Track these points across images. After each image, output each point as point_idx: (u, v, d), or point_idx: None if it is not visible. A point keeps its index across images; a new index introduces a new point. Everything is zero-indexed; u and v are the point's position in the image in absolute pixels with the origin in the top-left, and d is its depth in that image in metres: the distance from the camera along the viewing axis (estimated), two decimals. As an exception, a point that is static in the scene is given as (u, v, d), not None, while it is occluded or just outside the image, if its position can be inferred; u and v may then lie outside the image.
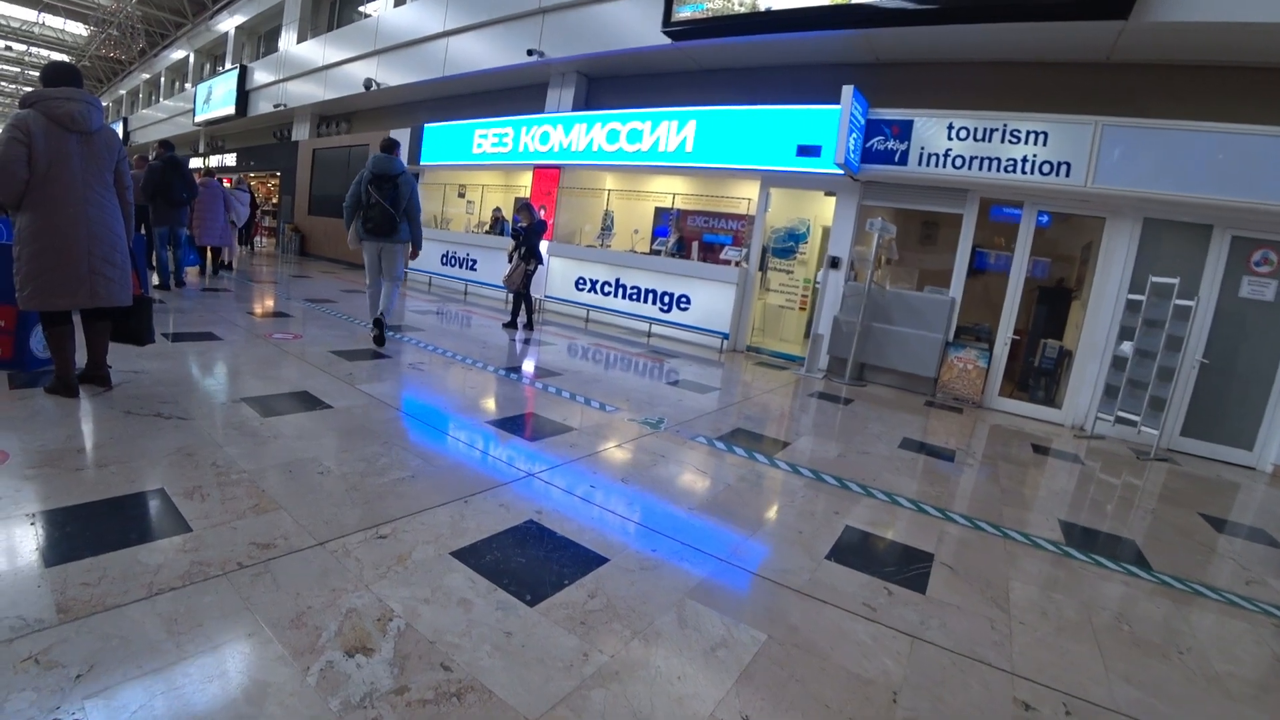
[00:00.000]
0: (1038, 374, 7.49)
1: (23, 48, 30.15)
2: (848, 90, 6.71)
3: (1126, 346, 6.05)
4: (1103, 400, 6.27)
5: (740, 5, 7.80)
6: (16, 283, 3.33)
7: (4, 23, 27.38)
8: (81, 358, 3.68)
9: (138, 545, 2.11)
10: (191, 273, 9.67)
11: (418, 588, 2.09)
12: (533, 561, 2.38)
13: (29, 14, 26.08)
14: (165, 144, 8.05)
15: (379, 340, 6.05)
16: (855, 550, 2.89)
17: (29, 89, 37.96)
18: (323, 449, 3.23)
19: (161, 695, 1.49)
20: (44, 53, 31.02)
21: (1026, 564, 3.01)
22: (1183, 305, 5.68)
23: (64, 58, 31.20)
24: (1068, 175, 6.30)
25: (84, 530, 2.16)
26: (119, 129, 31.94)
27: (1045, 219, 7.15)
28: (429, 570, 2.21)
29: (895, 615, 2.35)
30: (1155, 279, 5.88)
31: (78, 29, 28.60)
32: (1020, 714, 1.89)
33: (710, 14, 8.02)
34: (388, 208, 5.87)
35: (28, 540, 2.07)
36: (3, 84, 37.43)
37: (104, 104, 37.28)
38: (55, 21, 27.23)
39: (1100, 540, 3.49)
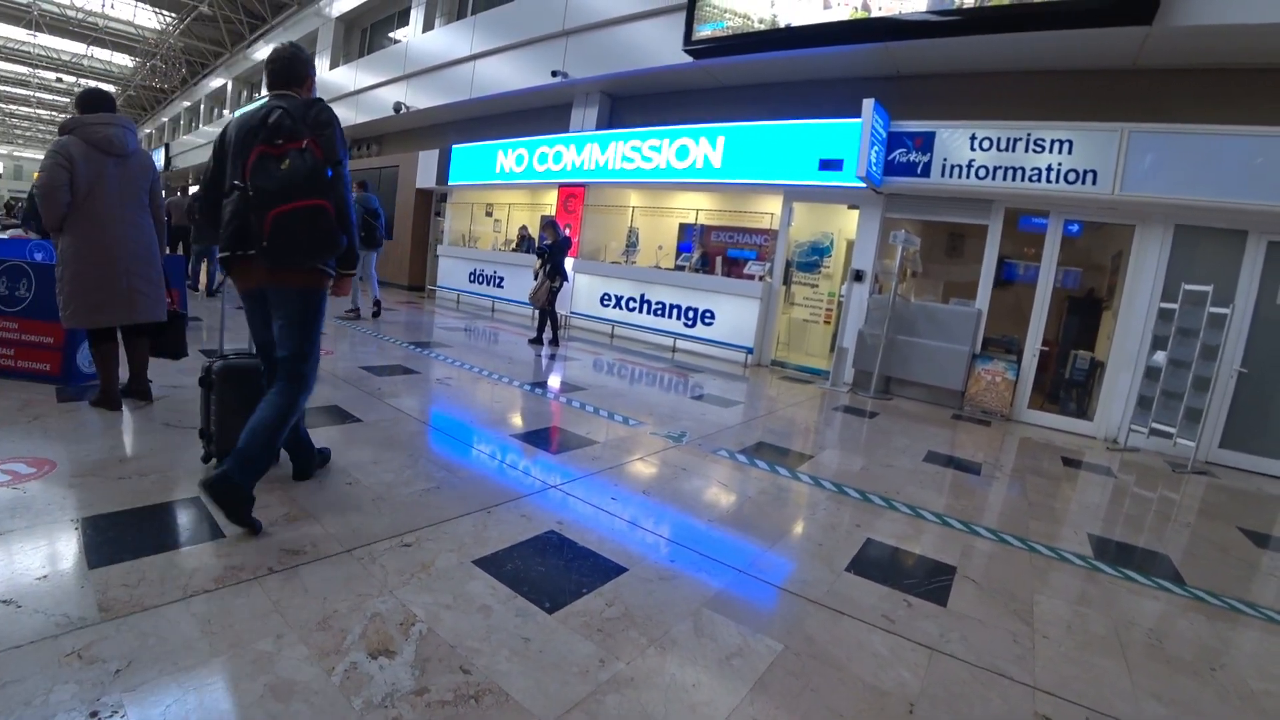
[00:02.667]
0: (1068, 386, 7.35)
1: (73, 79, 31.53)
2: (868, 103, 6.73)
3: (1160, 356, 5.92)
4: (1136, 412, 6.12)
5: (760, 23, 7.88)
6: (60, 302, 3.48)
7: (55, 56, 28.69)
8: (124, 373, 3.84)
9: (174, 550, 2.21)
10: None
11: (440, 594, 2.14)
12: (552, 570, 2.42)
13: (79, 48, 27.32)
14: None
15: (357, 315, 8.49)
16: (876, 563, 2.87)
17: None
18: (351, 461, 3.31)
19: (194, 691, 1.56)
20: (93, 84, 32.40)
21: (1053, 578, 2.96)
22: (1217, 313, 5.55)
23: (111, 88, 32.60)
24: (1094, 183, 6.22)
25: (125, 535, 2.25)
26: (161, 155, 33.19)
27: (1074, 228, 7.05)
28: (451, 577, 2.26)
29: (914, 627, 2.33)
30: (1188, 286, 5.76)
31: (124, 60, 29.84)
32: (1041, 727, 1.87)
33: (730, 32, 8.12)
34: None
35: (73, 544, 2.17)
36: (54, 114, 39.13)
37: (148, 131, 38.84)
38: (103, 54, 28.46)
39: (1131, 555, 3.41)
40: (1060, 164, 6.38)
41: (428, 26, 14.35)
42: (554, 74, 10.54)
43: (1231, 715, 2.06)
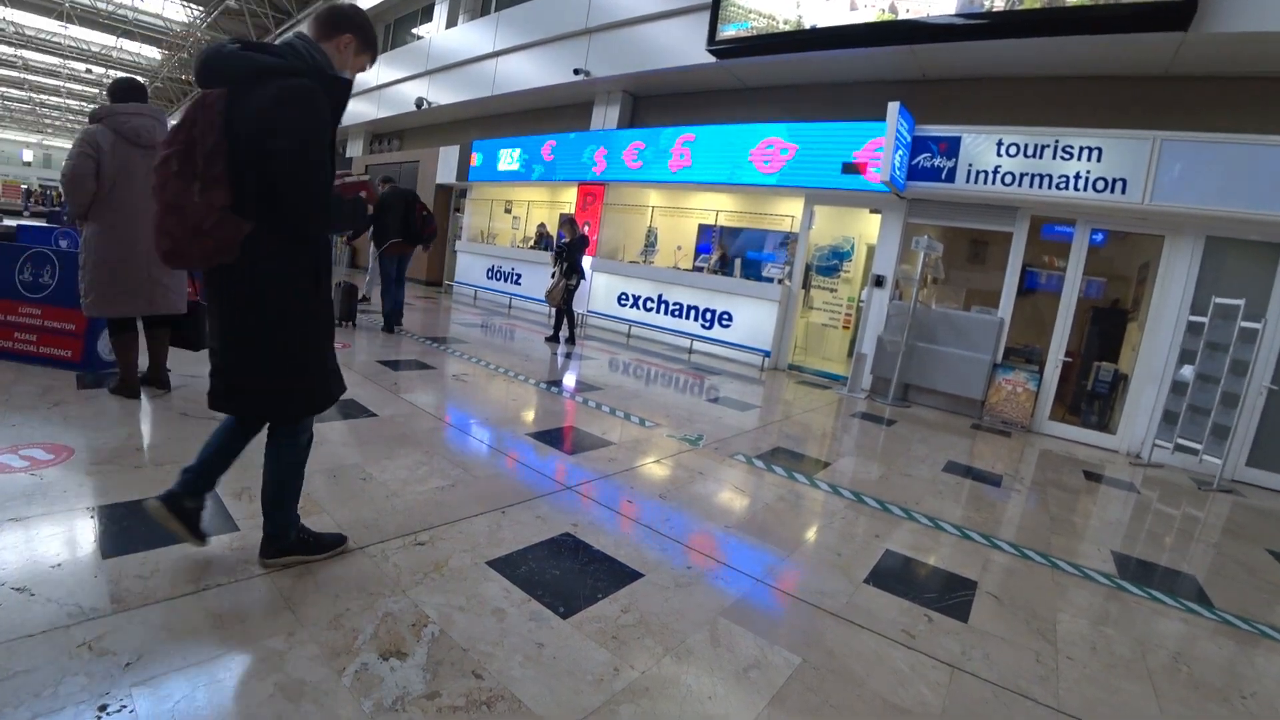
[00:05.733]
0: (1091, 398, 7.22)
1: (102, 70, 32.00)
2: (893, 107, 6.64)
3: (1187, 370, 5.78)
4: (1161, 426, 5.99)
5: (785, 23, 7.80)
6: (81, 289, 3.50)
7: (85, 47, 29.14)
8: (143, 362, 3.85)
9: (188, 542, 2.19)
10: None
11: (453, 595, 2.12)
12: (567, 574, 2.39)
13: (108, 39, 27.73)
14: None
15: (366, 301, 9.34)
16: (895, 575, 2.81)
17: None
18: (366, 456, 3.30)
19: (204, 687, 1.54)
20: (121, 75, 32.84)
21: (1076, 596, 2.88)
22: (1249, 328, 5.41)
23: (140, 80, 33.03)
24: (1123, 192, 6.09)
25: (139, 525, 2.24)
26: (186, 147, 33.53)
27: (1100, 237, 6.92)
28: (465, 578, 2.24)
29: (935, 644, 2.28)
30: (1219, 300, 5.62)
31: (152, 53, 30.24)
32: (1068, 752, 1.80)
33: (754, 32, 8.04)
34: None
35: (87, 532, 2.17)
36: (83, 104, 39.73)
37: (174, 123, 39.33)
38: (132, 46, 28.86)
39: (1156, 574, 3.33)
40: (1089, 172, 6.26)
41: (451, 23, 14.39)
42: (576, 72, 10.52)
43: (1265, 746, 1.99)
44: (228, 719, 1.47)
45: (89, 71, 32.43)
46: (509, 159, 12.32)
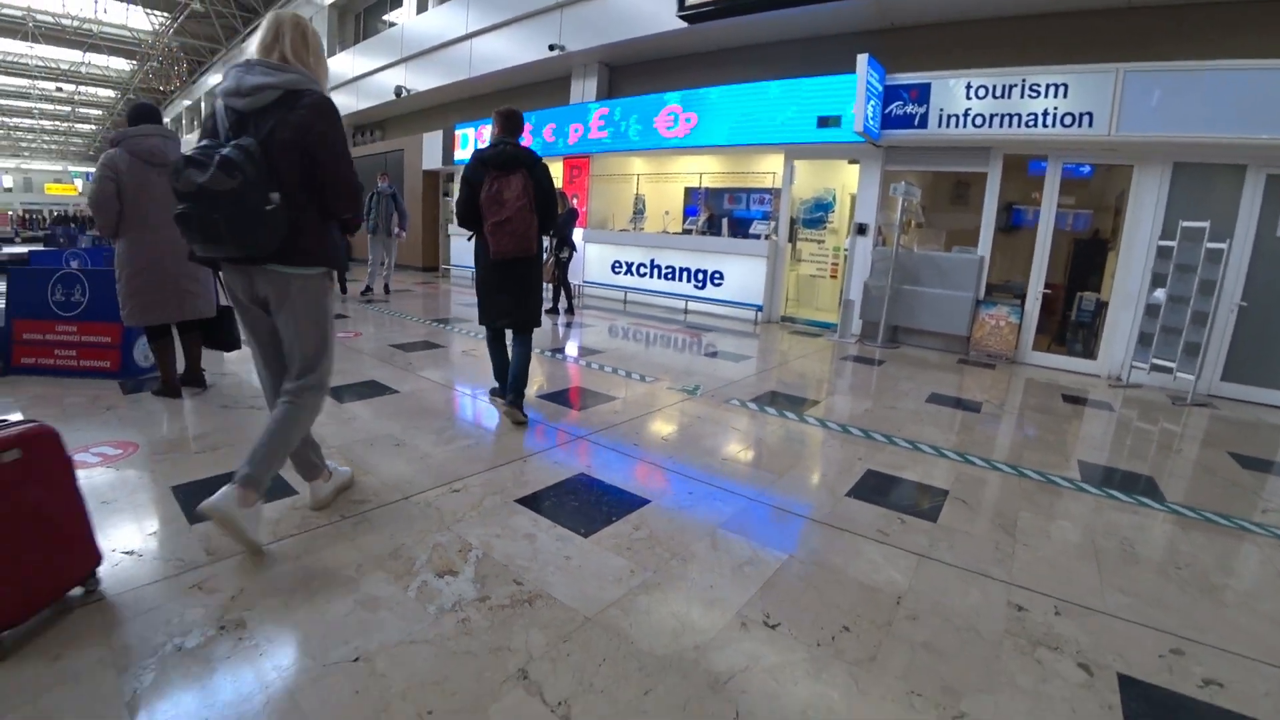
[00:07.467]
0: (1075, 327, 7.52)
1: (72, 88, 31.77)
2: (863, 58, 6.82)
3: (1159, 294, 6.07)
4: (1137, 349, 6.29)
5: (752, -16, 7.93)
6: (120, 301, 3.82)
7: (54, 65, 28.90)
8: (179, 364, 4.18)
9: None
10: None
11: (490, 527, 2.48)
12: (585, 504, 2.76)
13: (76, 55, 27.50)
14: None
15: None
16: (875, 489, 3.17)
17: (79, 126, 39.51)
18: (395, 426, 3.65)
19: (298, 608, 1.91)
20: (92, 90, 32.63)
21: (1040, 498, 3.22)
22: (1215, 248, 5.66)
23: (109, 92, 32.90)
24: (1090, 125, 6.30)
25: (213, 496, 2.59)
26: (168, 154, 33.42)
27: (1085, 170, 7.09)
28: (497, 514, 2.60)
29: (907, 539, 2.63)
30: (1185, 224, 5.87)
31: (121, 64, 29.97)
32: (1013, 614, 2.15)
33: (723, -5, 8.17)
34: None
35: (171, 506, 2.52)
36: (56, 124, 39.45)
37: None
38: (100, 59, 28.62)
39: (1117, 477, 3.65)
40: (1056, 108, 6.46)
41: (422, 8, 14.40)
42: (551, 48, 10.63)
43: (1189, 604, 2.31)
44: (322, 626, 1.83)
45: (59, 90, 32.21)
46: (483, 139, 12.53)
